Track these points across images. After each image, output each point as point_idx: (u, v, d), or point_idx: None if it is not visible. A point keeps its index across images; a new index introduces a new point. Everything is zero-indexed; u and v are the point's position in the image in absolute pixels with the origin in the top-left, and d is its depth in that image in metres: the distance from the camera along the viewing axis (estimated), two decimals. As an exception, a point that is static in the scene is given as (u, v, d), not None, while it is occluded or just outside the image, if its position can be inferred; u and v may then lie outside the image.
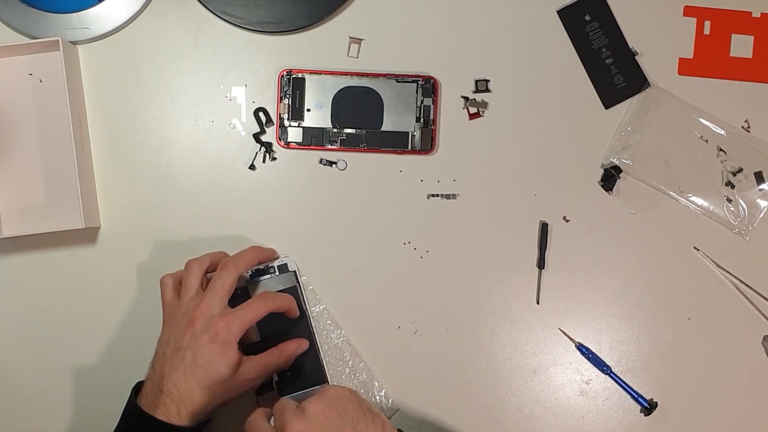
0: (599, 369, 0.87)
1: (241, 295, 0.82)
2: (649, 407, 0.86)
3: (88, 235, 0.87)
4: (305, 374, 0.83)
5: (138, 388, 0.77)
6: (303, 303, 0.83)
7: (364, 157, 0.88)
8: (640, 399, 0.86)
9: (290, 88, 0.87)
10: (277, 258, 0.85)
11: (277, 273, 0.84)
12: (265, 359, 0.78)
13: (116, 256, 0.88)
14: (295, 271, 0.84)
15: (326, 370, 0.84)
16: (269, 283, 0.84)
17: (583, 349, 0.87)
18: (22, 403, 0.88)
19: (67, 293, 0.87)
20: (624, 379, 0.87)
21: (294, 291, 0.83)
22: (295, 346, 0.81)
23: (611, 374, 0.87)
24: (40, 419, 0.88)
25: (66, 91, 0.82)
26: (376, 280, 0.88)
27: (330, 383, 0.83)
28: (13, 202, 0.86)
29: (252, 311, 0.76)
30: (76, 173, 0.82)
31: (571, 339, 0.87)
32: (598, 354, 0.87)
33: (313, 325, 0.84)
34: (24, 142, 0.87)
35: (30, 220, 0.86)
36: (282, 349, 0.80)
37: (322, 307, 0.86)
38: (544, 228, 0.87)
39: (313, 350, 0.83)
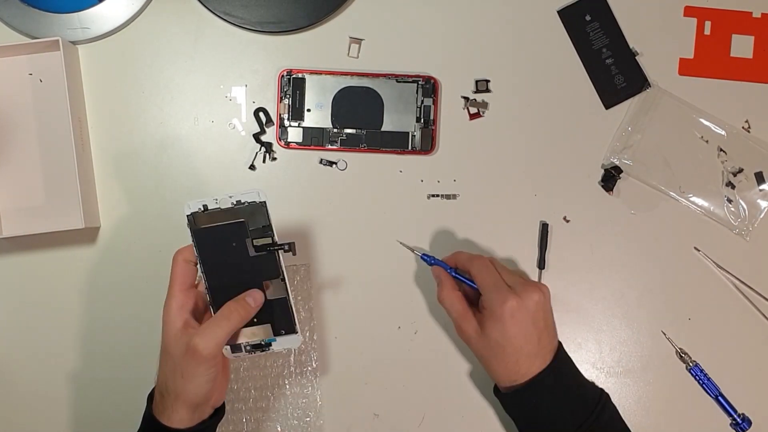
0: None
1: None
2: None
3: (88, 235, 0.87)
4: (274, 323, 0.75)
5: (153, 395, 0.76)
6: (273, 238, 0.74)
7: (364, 158, 0.88)
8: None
9: (290, 88, 0.87)
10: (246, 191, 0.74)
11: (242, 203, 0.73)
12: (218, 318, 0.72)
13: (116, 256, 0.88)
14: (264, 202, 0.73)
15: (295, 319, 0.75)
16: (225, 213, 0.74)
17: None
18: (21, 402, 0.88)
19: (67, 293, 0.87)
20: (622, 380, 0.87)
21: (268, 230, 0.73)
22: (250, 298, 0.73)
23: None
24: (39, 419, 0.88)
25: (66, 91, 0.82)
26: (376, 280, 0.88)
27: (298, 332, 0.75)
28: (13, 202, 0.86)
29: (173, 276, 0.73)
30: (76, 173, 0.82)
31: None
32: (598, 357, 0.87)
33: (283, 267, 0.74)
34: (24, 142, 0.87)
35: (30, 220, 0.86)
36: (237, 302, 0.72)
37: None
38: (544, 228, 0.87)
39: (282, 298, 0.74)
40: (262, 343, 0.75)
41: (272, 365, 0.87)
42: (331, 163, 0.88)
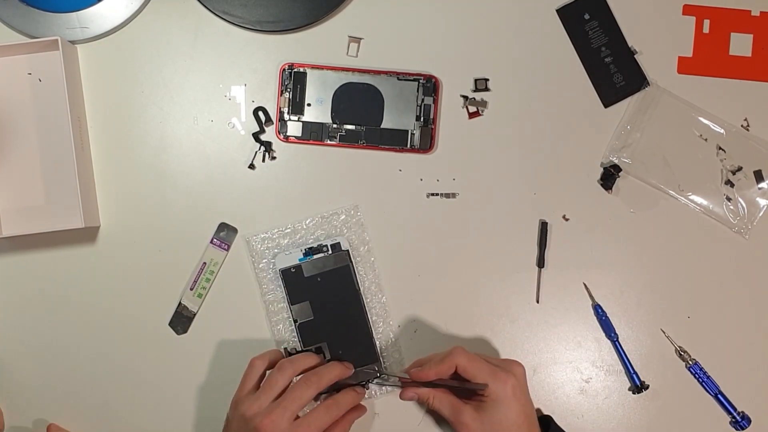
0: (606, 334, 0.87)
1: (294, 273, 0.85)
2: (639, 387, 0.86)
3: (87, 235, 0.87)
4: (357, 354, 0.85)
5: None
6: (355, 283, 0.85)
7: (363, 155, 0.88)
8: (634, 376, 0.87)
9: (291, 82, 0.87)
10: (331, 238, 0.86)
11: (330, 252, 0.85)
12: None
13: (115, 255, 0.87)
14: (347, 251, 0.85)
15: (378, 350, 0.86)
16: (322, 260, 0.85)
17: (598, 310, 0.87)
18: (22, 401, 0.87)
19: (66, 292, 0.87)
20: (621, 378, 0.87)
21: (347, 270, 0.85)
22: (350, 400, 0.81)
23: (617, 343, 0.87)
24: (39, 418, 0.87)
25: (65, 91, 0.82)
26: (376, 278, 0.88)
27: (382, 362, 0.86)
28: (13, 201, 0.86)
29: (319, 423, 0.77)
30: (76, 173, 0.82)
31: (591, 297, 0.87)
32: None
33: (365, 304, 0.86)
34: (23, 142, 0.87)
35: (29, 220, 0.86)
36: (336, 407, 0.80)
37: (372, 275, 0.87)
38: (543, 227, 0.87)
39: (365, 329, 0.85)
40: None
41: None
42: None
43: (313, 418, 0.77)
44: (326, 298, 0.85)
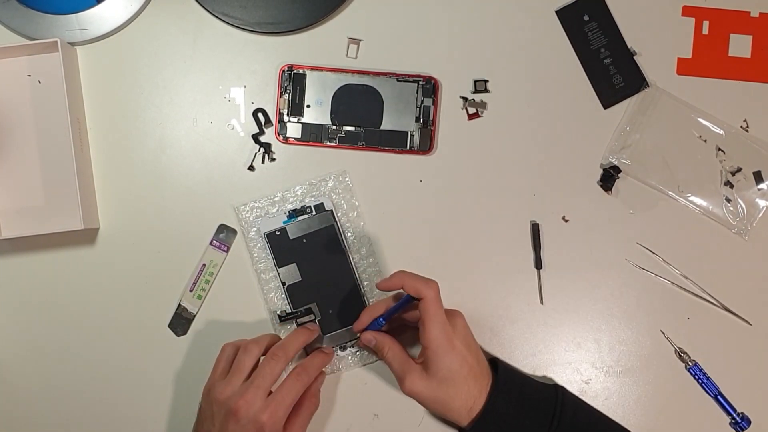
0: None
1: (279, 235, 0.85)
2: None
3: (87, 237, 0.87)
4: (348, 314, 0.85)
5: None
6: (342, 242, 0.86)
7: (362, 156, 0.88)
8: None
9: (291, 83, 0.87)
10: (313, 202, 0.86)
11: (314, 213, 0.86)
12: (304, 412, 0.80)
13: (115, 257, 0.88)
14: (331, 210, 0.86)
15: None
16: (307, 222, 0.86)
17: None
18: (21, 403, 0.87)
19: (66, 294, 0.87)
20: (621, 379, 0.87)
21: (332, 229, 0.86)
22: (319, 362, 0.82)
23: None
24: (38, 419, 0.87)
25: (65, 93, 0.82)
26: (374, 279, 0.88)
27: None
28: (12, 203, 0.86)
29: (292, 393, 0.77)
30: (75, 174, 0.82)
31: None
32: (600, 354, 0.87)
33: (353, 263, 0.86)
34: (23, 144, 0.87)
35: (29, 222, 0.86)
36: (306, 373, 0.80)
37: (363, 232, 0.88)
38: (534, 228, 0.87)
39: (354, 288, 0.86)
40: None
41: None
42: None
43: (285, 390, 0.77)
44: (313, 259, 0.86)
